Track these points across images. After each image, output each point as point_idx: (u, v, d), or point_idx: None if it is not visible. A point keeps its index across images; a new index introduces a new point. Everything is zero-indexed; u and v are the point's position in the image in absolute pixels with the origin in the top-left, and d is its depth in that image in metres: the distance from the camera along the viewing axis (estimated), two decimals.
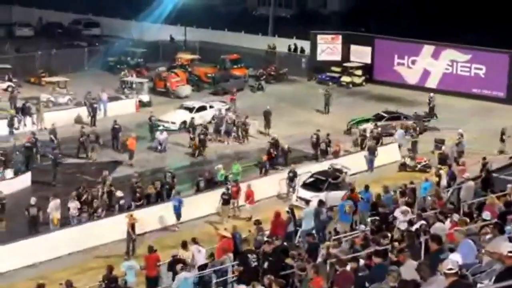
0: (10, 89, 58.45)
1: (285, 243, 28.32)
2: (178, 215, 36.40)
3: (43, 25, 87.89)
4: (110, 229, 34.43)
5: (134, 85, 59.66)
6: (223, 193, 37.14)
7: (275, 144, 45.20)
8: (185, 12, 77.73)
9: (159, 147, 47.58)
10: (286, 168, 41.99)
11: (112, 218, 35.40)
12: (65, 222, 35.14)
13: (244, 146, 48.80)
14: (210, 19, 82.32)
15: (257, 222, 30.33)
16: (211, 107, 53.46)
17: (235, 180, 39.04)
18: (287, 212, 32.39)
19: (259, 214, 35.02)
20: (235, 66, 66.77)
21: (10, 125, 49.57)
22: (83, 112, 53.46)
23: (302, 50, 73.70)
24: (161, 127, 49.61)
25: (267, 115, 51.35)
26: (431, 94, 56.09)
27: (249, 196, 37.64)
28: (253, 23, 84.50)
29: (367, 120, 51.06)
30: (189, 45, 74.69)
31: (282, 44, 75.39)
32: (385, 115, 51.70)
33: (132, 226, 33.23)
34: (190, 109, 52.50)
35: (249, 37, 79.74)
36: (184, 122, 51.16)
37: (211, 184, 39.38)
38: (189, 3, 77.71)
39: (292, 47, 75.10)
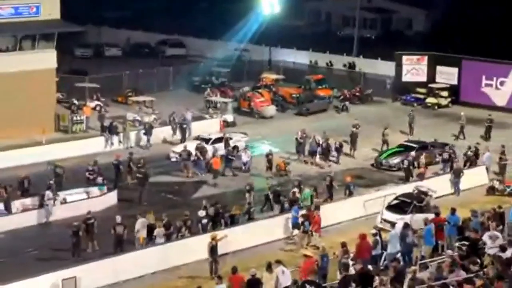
0: (98, 108, 59.53)
1: (370, 267, 28.01)
2: (296, 225, 36.41)
3: (131, 46, 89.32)
4: (193, 248, 34.54)
5: (218, 105, 60.04)
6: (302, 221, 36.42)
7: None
8: (269, 33, 77.95)
9: (243, 167, 47.62)
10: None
11: (195, 238, 35.47)
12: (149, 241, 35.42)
13: (329, 167, 48.40)
14: (295, 40, 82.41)
15: (343, 245, 29.98)
16: (230, 139, 50.87)
17: (308, 206, 38.21)
18: (373, 234, 31.92)
19: (343, 236, 34.60)
20: (320, 87, 66.56)
21: (149, 133, 51.75)
22: (168, 131, 53.97)
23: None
24: (173, 159, 48.28)
25: (353, 137, 50.96)
26: (462, 113, 56.03)
27: (316, 223, 36.66)
28: (337, 44, 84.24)
29: (396, 153, 48.93)
30: (273, 65, 74.89)
31: (366, 64, 75.00)
32: (412, 145, 49.39)
33: (212, 247, 33.11)
34: (206, 141, 49.91)
35: (333, 57, 79.46)
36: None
37: (295, 204, 39.08)
38: (273, 24, 77.92)
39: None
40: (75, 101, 59.12)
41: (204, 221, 36.53)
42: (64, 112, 57.30)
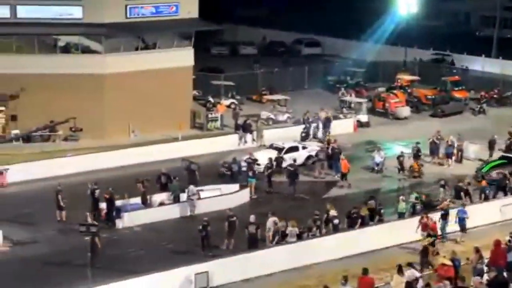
0: (232, 106, 60.30)
1: (504, 274, 27.38)
2: (463, 226, 36.25)
3: (266, 44, 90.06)
4: (324, 248, 34.63)
5: (352, 105, 59.80)
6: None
7: None
8: (406, 33, 77.04)
9: (376, 168, 47.26)
10: None
11: (326, 237, 35.51)
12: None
13: (463, 170, 47.40)
14: (432, 40, 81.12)
15: (477, 250, 29.39)
16: (304, 148, 49.16)
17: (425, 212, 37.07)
18: (509, 241, 31.10)
19: (478, 241, 33.86)
20: (456, 89, 65.27)
21: (328, 126, 53.23)
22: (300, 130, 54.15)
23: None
24: (244, 168, 44.57)
25: (492, 144, 49.54)
26: None
27: (432, 229, 35.36)
28: (476, 45, 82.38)
29: (498, 165, 45.48)
30: (409, 65, 73.96)
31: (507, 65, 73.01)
32: None
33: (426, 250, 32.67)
34: (280, 150, 47.95)
35: (471, 58, 77.79)
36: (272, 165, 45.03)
37: (429, 207, 38.47)
38: (411, 24, 77.00)
39: None
40: (211, 99, 60.14)
41: (336, 221, 36.43)
42: (200, 109, 58.33)
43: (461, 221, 36.51)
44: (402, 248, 35.81)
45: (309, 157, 48.22)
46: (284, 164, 45.74)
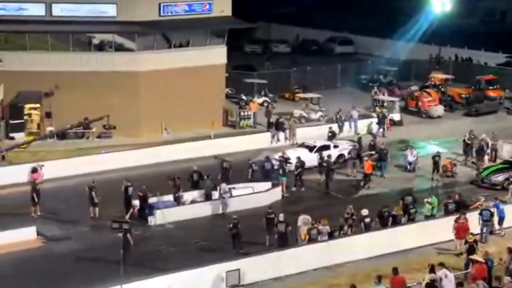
0: (265, 104, 60.33)
1: None
2: (502, 219, 36.35)
3: (299, 42, 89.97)
4: (355, 246, 34.54)
5: (385, 104, 59.61)
6: None
7: None
8: (440, 31, 76.56)
9: (408, 167, 47.06)
10: None
11: (357, 236, 35.39)
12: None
13: None
14: (466, 38, 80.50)
15: (510, 250, 29.21)
16: (335, 146, 48.99)
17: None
18: None
19: (511, 241, 33.63)
20: (491, 87, 64.77)
21: (382, 122, 54.08)
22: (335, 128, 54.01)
23: None
24: (275, 167, 44.65)
25: None
26: None
27: (454, 229, 35.12)
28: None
29: (499, 169, 44.95)
30: (443, 64, 73.50)
31: None
32: None
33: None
34: (311, 148, 48.07)
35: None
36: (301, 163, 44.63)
37: (463, 207, 38.20)
38: (445, 22, 76.45)
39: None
40: (243, 97, 60.25)
41: (367, 220, 36.33)
42: (233, 107, 58.45)
43: (501, 213, 36.62)
44: (434, 248, 35.61)
45: (340, 156, 48.09)
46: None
